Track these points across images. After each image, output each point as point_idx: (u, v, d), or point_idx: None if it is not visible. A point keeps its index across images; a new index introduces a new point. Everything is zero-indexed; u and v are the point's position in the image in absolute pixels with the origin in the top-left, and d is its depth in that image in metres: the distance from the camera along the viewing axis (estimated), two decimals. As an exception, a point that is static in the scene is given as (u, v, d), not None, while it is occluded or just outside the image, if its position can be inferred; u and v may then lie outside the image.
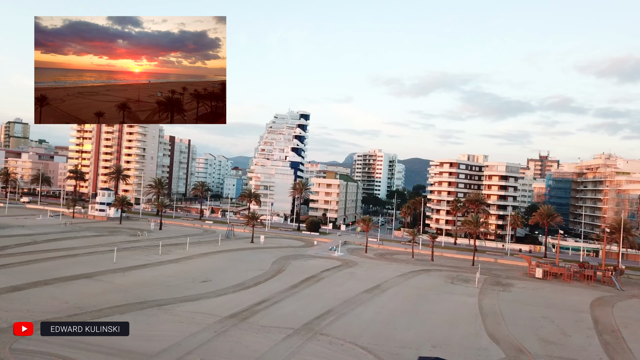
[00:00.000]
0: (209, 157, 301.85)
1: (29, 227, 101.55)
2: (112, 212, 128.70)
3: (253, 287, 61.37)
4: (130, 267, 68.01)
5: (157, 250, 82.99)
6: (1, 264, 63.84)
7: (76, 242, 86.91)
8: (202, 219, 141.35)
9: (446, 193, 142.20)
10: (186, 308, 49.83)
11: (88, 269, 64.55)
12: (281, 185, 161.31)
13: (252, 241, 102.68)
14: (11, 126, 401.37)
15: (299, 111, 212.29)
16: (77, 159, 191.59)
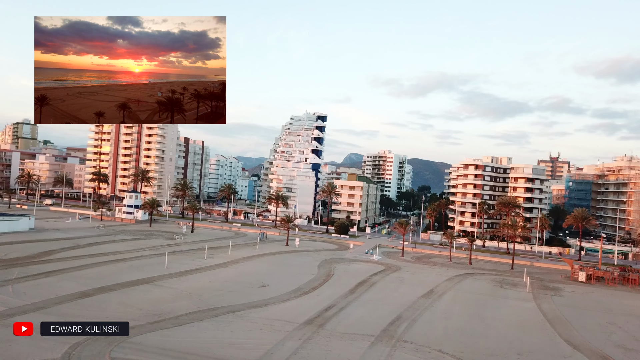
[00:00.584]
0: (220, 159, 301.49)
1: (64, 230, 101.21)
2: (139, 215, 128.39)
3: (312, 293, 61.14)
4: (184, 272, 67.76)
5: (201, 254, 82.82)
6: (58, 269, 63.51)
7: (117, 246, 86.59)
8: (229, 221, 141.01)
9: (471, 195, 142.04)
10: (258, 314, 49.63)
11: (144, 274, 64.28)
12: (303, 187, 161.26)
13: (287, 244, 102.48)
14: (19, 127, 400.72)
15: (315, 112, 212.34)
16: (95, 160, 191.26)
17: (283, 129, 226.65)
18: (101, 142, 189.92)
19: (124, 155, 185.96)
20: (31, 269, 62.56)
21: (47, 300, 48.89)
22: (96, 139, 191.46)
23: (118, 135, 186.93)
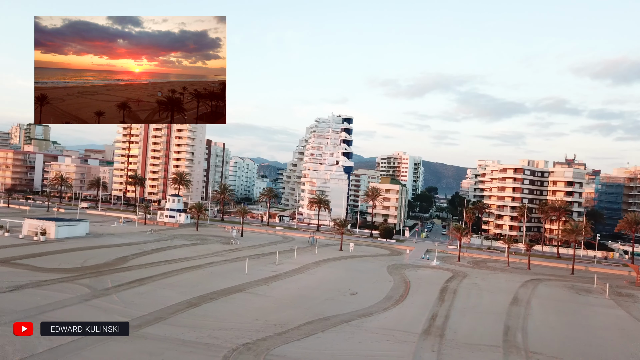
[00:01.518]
0: (238, 161, 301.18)
1: (119, 235, 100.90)
2: (182, 219, 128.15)
3: (405, 301, 60.99)
4: (266, 279, 67.61)
5: (268, 259, 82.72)
6: (146, 276, 63.28)
7: (182, 251, 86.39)
8: (270, 224, 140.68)
9: (510, 199, 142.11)
10: (371, 324, 49.57)
11: (231, 281, 64.10)
12: (336, 191, 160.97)
13: (341, 249, 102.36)
14: (32, 128, 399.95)
15: (340, 115, 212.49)
16: (122, 162, 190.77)
17: (307, 131, 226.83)
18: (129, 145, 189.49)
19: (153, 158, 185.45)
20: (120, 277, 62.29)
21: (161, 311, 48.67)
22: (124, 141, 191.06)
23: (147, 137, 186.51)
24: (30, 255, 71.86)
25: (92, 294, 53.10)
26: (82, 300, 50.54)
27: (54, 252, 75.99)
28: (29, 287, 54.23)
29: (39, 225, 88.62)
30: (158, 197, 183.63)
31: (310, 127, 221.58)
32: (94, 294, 53.41)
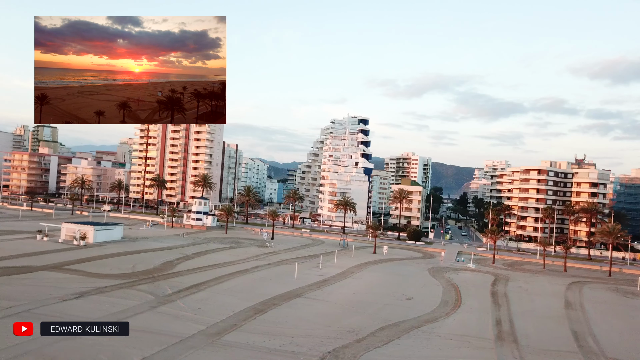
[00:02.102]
0: (249, 162, 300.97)
1: (153, 239, 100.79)
2: (209, 222, 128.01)
3: (462, 306, 60.89)
4: (318, 283, 67.56)
5: (311, 262, 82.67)
6: (200, 282, 63.14)
7: (222, 255, 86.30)
8: (295, 227, 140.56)
9: (534, 200, 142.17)
10: (441, 330, 49.55)
11: (285, 286, 64.00)
12: (357, 192, 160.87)
13: (375, 252, 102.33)
14: (40, 130, 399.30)
15: (356, 116, 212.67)
16: (140, 165, 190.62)
17: (322, 132, 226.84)
18: (147, 147, 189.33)
19: (171, 160, 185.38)
20: (175, 283, 62.16)
21: (231, 318, 48.59)
22: (141, 143, 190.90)
23: (164, 139, 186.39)
24: (78, 260, 71.69)
25: (156, 301, 52.99)
26: (150, 307, 50.42)
27: (100, 257, 75.83)
28: (92, 294, 54.10)
29: (77, 229, 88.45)
30: (176, 200, 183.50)
31: (325, 128, 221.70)
32: (158, 300, 53.30)
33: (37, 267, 65.49)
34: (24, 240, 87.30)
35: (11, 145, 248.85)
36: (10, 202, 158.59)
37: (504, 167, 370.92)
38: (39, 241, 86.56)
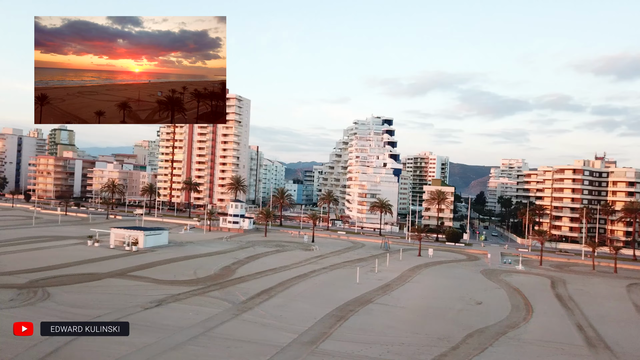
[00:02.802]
0: (267, 163, 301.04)
1: (199, 243, 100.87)
2: (246, 224, 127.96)
3: (535, 311, 60.24)
4: (382, 288, 67.19)
5: (365, 266, 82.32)
6: (267, 288, 62.92)
7: (274, 260, 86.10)
8: (330, 229, 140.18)
9: (569, 200, 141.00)
10: (528, 336, 48.99)
11: (353, 292, 63.63)
12: (387, 193, 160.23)
13: (420, 254, 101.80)
14: (57, 133, 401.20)
15: (379, 116, 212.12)
16: (166, 168, 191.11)
17: (345, 133, 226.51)
18: (173, 150, 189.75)
19: (198, 163, 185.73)
20: (243, 289, 61.98)
21: (317, 325, 48.32)
22: (167, 146, 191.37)
23: (191, 142, 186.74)
24: (139, 267, 71.72)
25: (235, 308, 52.82)
26: (233, 315, 50.22)
27: (157, 263, 75.82)
28: (169, 301, 54.01)
29: (127, 235, 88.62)
30: (205, 202, 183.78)
31: (348, 129, 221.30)
32: (237, 307, 53.11)
33: (103, 274, 65.54)
34: (76, 246, 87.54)
35: (35, 150, 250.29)
36: (43, 206, 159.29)
37: (520, 166, 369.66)
38: (91, 247, 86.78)
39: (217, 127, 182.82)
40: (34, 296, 52.47)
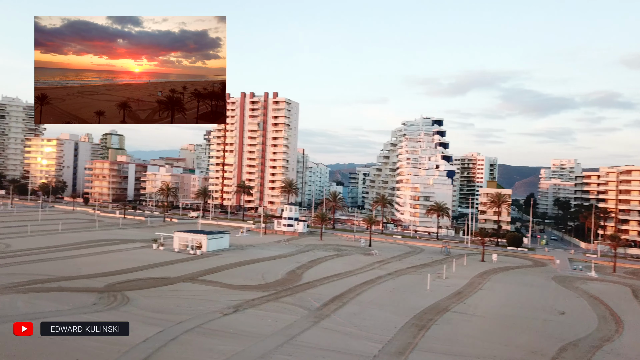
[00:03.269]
0: (312, 166, 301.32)
1: (259, 247, 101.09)
2: (300, 228, 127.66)
3: (626, 323, 56.76)
4: (455, 296, 64.99)
5: (429, 271, 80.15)
6: (336, 294, 61.81)
7: (336, 264, 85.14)
8: (385, 233, 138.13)
9: (637, 202, 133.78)
10: (629, 351, 46.02)
11: (425, 299, 61.80)
12: (440, 196, 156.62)
13: (483, 259, 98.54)
14: (108, 138, 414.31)
15: (428, 117, 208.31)
16: (217, 171, 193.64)
17: (393, 135, 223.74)
18: (224, 153, 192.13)
19: (249, 166, 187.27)
20: (313, 294, 61.15)
21: (399, 335, 46.89)
22: (218, 150, 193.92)
23: (241, 145, 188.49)
24: (208, 271, 72.11)
25: (312, 315, 51.97)
26: (312, 322, 49.35)
27: (224, 267, 76.13)
28: (245, 307, 53.72)
29: (190, 238, 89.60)
30: (255, 205, 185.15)
31: (396, 130, 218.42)
32: (314, 314, 52.25)
33: (175, 278, 66.15)
34: (142, 249, 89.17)
35: (90, 154, 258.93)
36: (102, 209, 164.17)
37: (572, 167, 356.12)
38: (156, 250, 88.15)
39: (267, 130, 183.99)
40: (115, 300, 53.23)
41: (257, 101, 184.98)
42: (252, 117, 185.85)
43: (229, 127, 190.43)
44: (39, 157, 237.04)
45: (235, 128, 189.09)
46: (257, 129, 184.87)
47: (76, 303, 51.21)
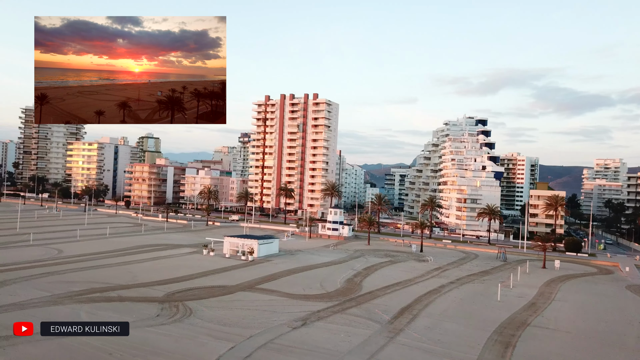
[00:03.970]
0: (347, 167, 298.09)
1: (308, 252, 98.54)
2: (345, 232, 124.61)
3: None
4: (528, 307, 60.80)
5: (493, 279, 75.98)
6: (402, 305, 58.48)
7: (392, 271, 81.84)
8: (433, 237, 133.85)
9: None
10: None
11: (500, 312, 57.84)
12: (488, 198, 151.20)
13: (545, 266, 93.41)
14: (145, 141, 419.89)
15: (472, 117, 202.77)
16: (257, 174, 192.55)
17: (434, 135, 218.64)
18: (263, 156, 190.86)
19: (288, 169, 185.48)
20: (379, 306, 57.92)
21: (485, 352, 43.19)
22: (258, 152, 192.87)
23: (281, 148, 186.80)
24: (264, 279, 69.72)
25: (385, 329, 48.74)
26: (387, 338, 46.05)
27: (280, 274, 73.64)
28: (312, 319, 50.89)
29: (240, 243, 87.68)
30: (295, 208, 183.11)
31: (438, 130, 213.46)
32: (387, 328, 49.02)
33: (233, 287, 63.95)
34: (193, 255, 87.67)
35: (129, 158, 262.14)
36: (144, 213, 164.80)
37: (618, 167, 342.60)
38: (207, 256, 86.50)
39: (306, 132, 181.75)
40: (177, 312, 51.17)
41: (297, 103, 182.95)
42: (292, 119, 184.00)
43: (268, 129, 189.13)
44: (80, 161, 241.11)
45: (275, 130, 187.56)
46: (296, 130, 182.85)
47: (139, 315, 49.31)
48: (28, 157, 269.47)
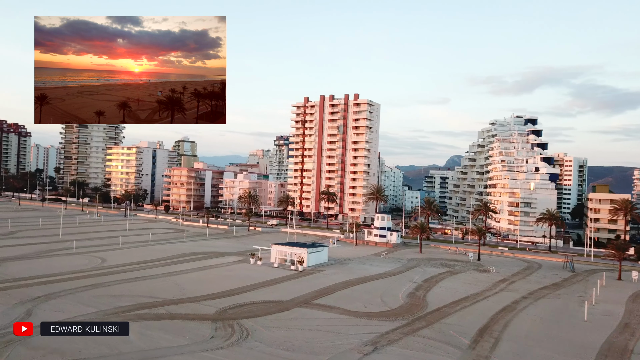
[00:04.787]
0: (386, 170, 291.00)
1: (357, 260, 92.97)
2: (394, 238, 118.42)
3: None
4: (622, 330, 53.57)
5: (569, 293, 68.66)
6: (478, 326, 52.20)
7: (455, 284, 75.35)
8: (488, 243, 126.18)
9: None
10: None
11: (592, 333, 51.03)
12: (543, 202, 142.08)
13: (620, 277, 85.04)
14: (180, 145, 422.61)
15: (520, 115, 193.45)
16: (296, 177, 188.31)
17: (480, 135, 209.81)
18: (303, 159, 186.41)
19: (328, 172, 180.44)
20: (451, 326, 51.84)
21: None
22: (297, 155, 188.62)
23: (320, 151, 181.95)
24: (319, 293, 64.43)
25: (467, 356, 42.69)
26: (474, 368, 40.14)
27: (335, 287, 68.25)
28: (383, 343, 45.26)
29: (288, 252, 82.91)
30: (335, 212, 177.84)
31: (484, 130, 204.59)
32: (469, 356, 42.95)
33: (288, 302, 58.94)
34: (239, 264, 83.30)
35: (167, 162, 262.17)
36: (183, 218, 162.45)
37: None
38: (254, 265, 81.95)
39: (347, 134, 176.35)
40: (233, 333, 46.32)
41: (337, 104, 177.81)
42: (332, 120, 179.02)
43: (307, 131, 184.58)
44: (119, 165, 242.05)
45: (314, 132, 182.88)
46: (336, 132, 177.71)
47: (192, 336, 44.71)
48: (69, 162, 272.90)
